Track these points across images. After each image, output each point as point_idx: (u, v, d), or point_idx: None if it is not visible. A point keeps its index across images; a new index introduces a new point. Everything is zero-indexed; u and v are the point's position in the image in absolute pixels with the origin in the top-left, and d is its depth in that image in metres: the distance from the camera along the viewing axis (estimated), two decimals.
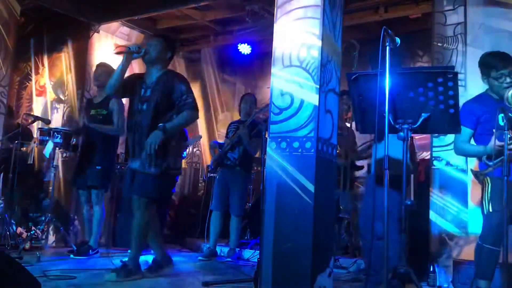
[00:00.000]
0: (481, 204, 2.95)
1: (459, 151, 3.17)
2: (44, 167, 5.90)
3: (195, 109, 3.62)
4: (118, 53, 3.68)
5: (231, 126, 5.21)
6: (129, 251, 3.66)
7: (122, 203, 5.33)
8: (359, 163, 4.60)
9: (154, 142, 3.40)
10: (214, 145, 5.37)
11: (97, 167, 4.61)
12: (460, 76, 3.69)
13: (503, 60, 2.97)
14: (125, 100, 4.64)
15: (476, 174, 3.07)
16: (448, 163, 3.94)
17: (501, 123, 2.70)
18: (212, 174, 5.83)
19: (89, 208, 4.78)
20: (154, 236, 3.71)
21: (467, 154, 3.33)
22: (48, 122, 5.03)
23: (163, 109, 3.57)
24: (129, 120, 3.73)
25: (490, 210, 2.85)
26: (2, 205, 5.10)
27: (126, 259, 3.57)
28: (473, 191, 3.74)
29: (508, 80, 2.92)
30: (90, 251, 4.63)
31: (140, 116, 3.58)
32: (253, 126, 4.85)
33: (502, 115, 2.64)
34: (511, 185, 2.56)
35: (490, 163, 2.84)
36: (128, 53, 3.58)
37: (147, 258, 3.85)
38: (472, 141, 3.09)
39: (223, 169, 5.05)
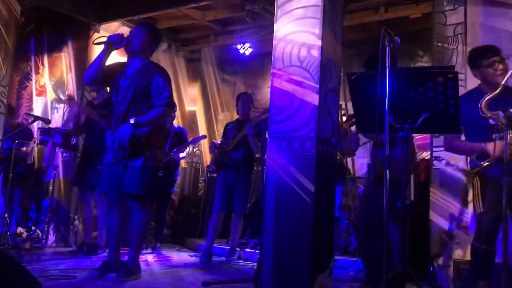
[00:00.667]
0: (473, 204, 2.94)
1: (450, 149, 3.15)
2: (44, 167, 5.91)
3: (169, 104, 3.45)
4: (97, 43, 3.49)
5: (229, 126, 5.19)
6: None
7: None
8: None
9: (123, 136, 3.29)
10: (215, 145, 5.34)
11: (99, 167, 4.60)
12: (460, 76, 3.69)
13: (490, 49, 2.99)
14: None
15: (466, 173, 3.05)
16: (448, 163, 3.94)
17: (491, 123, 2.71)
18: (212, 174, 5.80)
19: (91, 208, 4.78)
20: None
21: (455, 151, 3.28)
22: (48, 122, 5.03)
23: (139, 102, 3.42)
24: (109, 112, 3.59)
25: (481, 210, 2.83)
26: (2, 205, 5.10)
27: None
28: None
29: (501, 67, 2.91)
30: (99, 250, 4.63)
31: (118, 107, 3.46)
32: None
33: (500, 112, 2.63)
34: (500, 183, 2.56)
35: (481, 163, 2.83)
36: (108, 44, 3.43)
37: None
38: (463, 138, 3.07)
39: (226, 169, 4.95)
